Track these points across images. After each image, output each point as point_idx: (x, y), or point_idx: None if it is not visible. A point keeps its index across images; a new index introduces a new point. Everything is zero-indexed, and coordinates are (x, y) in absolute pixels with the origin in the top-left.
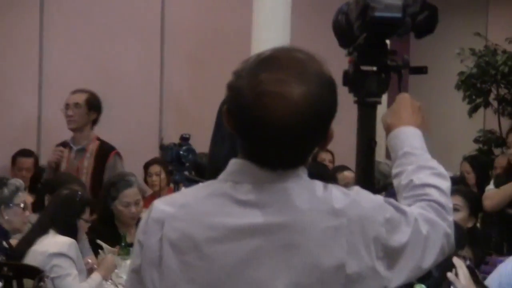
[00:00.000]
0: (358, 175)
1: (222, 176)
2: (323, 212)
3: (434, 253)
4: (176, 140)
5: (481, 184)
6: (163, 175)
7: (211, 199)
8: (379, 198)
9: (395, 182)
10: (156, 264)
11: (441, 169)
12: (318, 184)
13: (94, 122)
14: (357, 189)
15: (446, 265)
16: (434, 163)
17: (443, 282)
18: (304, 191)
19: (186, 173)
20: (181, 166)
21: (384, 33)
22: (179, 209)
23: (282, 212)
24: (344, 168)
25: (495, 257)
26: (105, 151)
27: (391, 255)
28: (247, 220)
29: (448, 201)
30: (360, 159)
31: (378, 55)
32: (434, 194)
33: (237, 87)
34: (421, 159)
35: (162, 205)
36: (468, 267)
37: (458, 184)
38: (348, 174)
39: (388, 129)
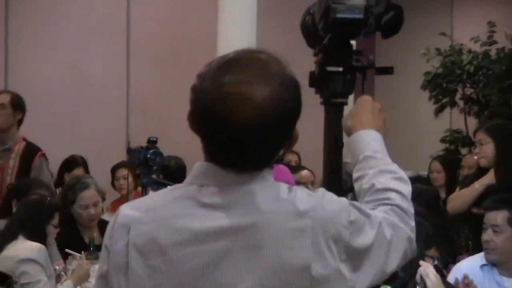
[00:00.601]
0: (325, 176)
1: (187, 179)
2: (287, 214)
3: (397, 257)
4: (143, 143)
5: (450, 183)
6: (130, 179)
7: (177, 203)
8: (344, 201)
9: (356, 186)
10: (122, 269)
11: (401, 173)
12: (283, 186)
13: (20, 122)
14: (322, 191)
15: (412, 266)
16: (394, 167)
17: (409, 282)
18: (269, 193)
19: (154, 176)
20: (149, 169)
21: (347, 34)
22: (145, 214)
23: (247, 214)
24: (301, 168)
25: (465, 256)
26: (31, 151)
27: (355, 257)
28: (212, 223)
29: (410, 206)
30: (327, 160)
31: (343, 56)
32: (396, 198)
33: (201, 89)
34: (381, 163)
35: (128, 210)
36: (435, 266)
37: (424, 183)
38: (305, 174)
39: (349, 132)
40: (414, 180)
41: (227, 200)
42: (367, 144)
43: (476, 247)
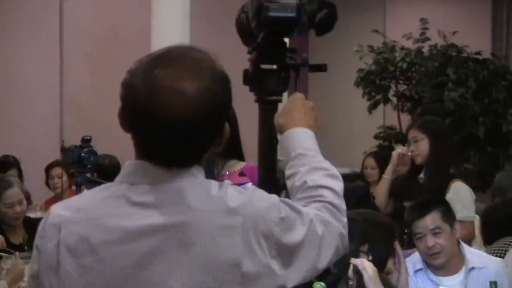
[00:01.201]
0: (260, 174)
1: (118, 178)
2: (218, 211)
3: (329, 253)
4: (77, 142)
5: None
6: (64, 178)
7: (107, 202)
8: (274, 197)
9: (289, 183)
10: (53, 269)
11: (334, 170)
12: (214, 184)
13: None
14: (252, 188)
15: (344, 262)
16: (327, 164)
17: (342, 278)
18: (199, 191)
19: (88, 175)
20: (83, 168)
21: (280, 32)
22: (75, 213)
23: (177, 212)
24: None
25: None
26: None
27: (286, 253)
28: (143, 222)
29: (342, 203)
30: (262, 157)
31: (277, 54)
32: (328, 195)
33: (131, 84)
34: (314, 161)
35: (59, 210)
36: (371, 261)
37: (357, 179)
38: None
39: (281, 130)
40: (349, 176)
41: (158, 198)
42: (299, 142)
43: (411, 241)
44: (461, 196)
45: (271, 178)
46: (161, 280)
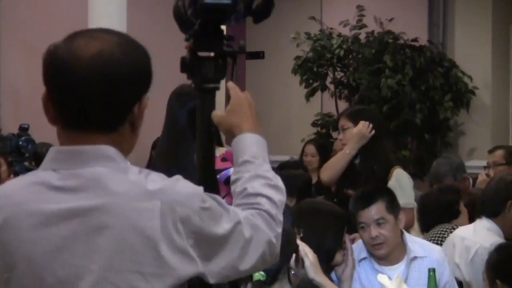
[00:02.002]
0: (199, 163)
1: (42, 165)
2: (136, 195)
3: (253, 258)
4: (15, 130)
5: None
6: (4, 167)
7: (30, 188)
8: (199, 189)
9: (232, 188)
10: None
11: (277, 181)
12: (133, 169)
13: None
14: (177, 177)
15: (286, 251)
16: (271, 174)
17: (283, 267)
18: (118, 175)
19: (26, 163)
20: (21, 156)
21: (216, 19)
22: (3, 198)
23: (96, 195)
24: None
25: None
26: None
27: (205, 245)
28: (62, 205)
29: (279, 213)
30: (200, 145)
31: (214, 41)
32: (265, 204)
33: (53, 52)
34: (258, 169)
35: None
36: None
37: (297, 168)
38: None
39: (230, 132)
40: (289, 164)
41: (77, 182)
42: (248, 148)
43: (351, 229)
44: (401, 183)
45: (210, 166)
46: (81, 264)
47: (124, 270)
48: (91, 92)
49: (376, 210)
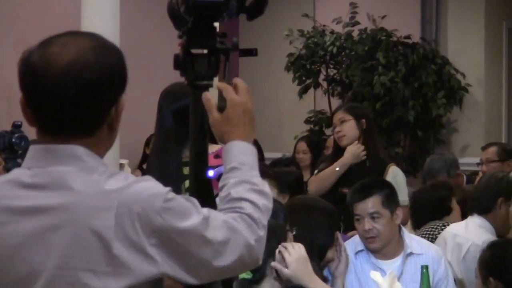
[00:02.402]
0: (192, 159)
1: (23, 163)
2: (94, 194)
3: (229, 259)
4: (8, 127)
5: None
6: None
7: (4, 186)
8: (163, 189)
9: (220, 194)
10: None
11: (263, 186)
12: (100, 169)
13: None
14: (145, 177)
15: (269, 245)
16: (257, 180)
17: (268, 261)
18: (81, 174)
19: (19, 160)
20: (14, 153)
21: (209, 16)
22: None
23: (59, 194)
24: None
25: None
26: None
27: (171, 243)
28: (29, 203)
29: (262, 217)
30: (194, 142)
31: (207, 38)
32: (248, 208)
33: (24, 58)
34: (245, 174)
35: None
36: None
37: (289, 165)
38: None
39: (221, 139)
40: (281, 161)
41: (44, 180)
42: (236, 156)
43: (348, 228)
44: (397, 180)
45: (203, 162)
46: (40, 261)
47: (77, 268)
48: (66, 100)
49: (371, 203)
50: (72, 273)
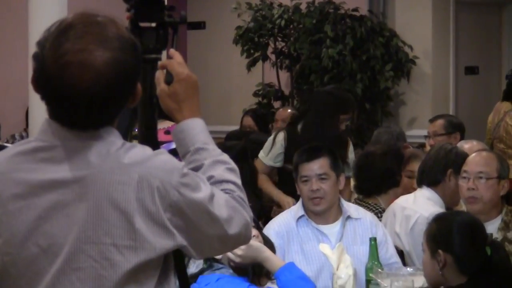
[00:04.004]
0: (141, 133)
1: (34, 136)
2: (113, 168)
3: (230, 236)
4: None
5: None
6: None
7: (17, 158)
8: (179, 164)
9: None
10: None
11: (231, 163)
12: (117, 143)
13: None
14: (160, 151)
15: None
16: (226, 157)
17: None
18: (100, 149)
19: None
20: None
21: None
22: None
23: (77, 168)
24: None
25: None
26: None
27: (184, 217)
28: (46, 176)
29: (245, 196)
30: (143, 116)
31: (155, 12)
32: (235, 189)
33: (42, 58)
34: (213, 154)
35: None
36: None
37: (240, 139)
38: None
39: (170, 114)
40: (234, 134)
41: (62, 155)
42: (197, 136)
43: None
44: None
45: (153, 137)
46: (60, 234)
47: (99, 242)
48: (87, 105)
49: (320, 164)
50: (95, 247)
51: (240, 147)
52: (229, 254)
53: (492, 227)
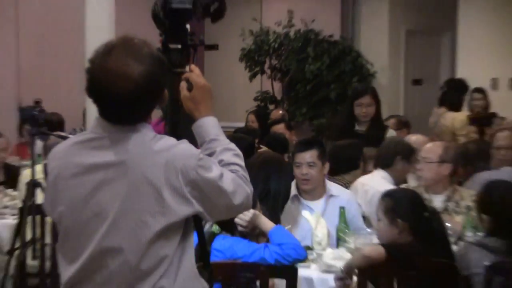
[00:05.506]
0: (169, 128)
1: (89, 129)
2: (146, 153)
3: (235, 205)
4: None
5: (262, 131)
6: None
7: (76, 146)
8: (196, 151)
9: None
10: (49, 190)
11: (237, 150)
12: (150, 135)
13: None
14: (182, 141)
15: None
16: (233, 145)
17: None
18: (136, 139)
19: (41, 129)
20: (35, 123)
21: (181, 19)
22: (57, 153)
23: (120, 153)
24: None
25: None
26: None
27: (200, 191)
28: (98, 159)
29: (247, 175)
30: (171, 115)
31: (180, 36)
32: (239, 170)
33: (92, 71)
34: (223, 143)
35: (51, 153)
36: None
37: (248, 132)
38: None
39: (191, 112)
40: (241, 130)
41: (108, 144)
42: (211, 129)
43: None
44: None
45: (176, 130)
46: (107, 202)
47: (137, 210)
48: (125, 106)
49: (310, 154)
50: (133, 213)
51: (248, 143)
52: (238, 220)
53: (438, 199)
